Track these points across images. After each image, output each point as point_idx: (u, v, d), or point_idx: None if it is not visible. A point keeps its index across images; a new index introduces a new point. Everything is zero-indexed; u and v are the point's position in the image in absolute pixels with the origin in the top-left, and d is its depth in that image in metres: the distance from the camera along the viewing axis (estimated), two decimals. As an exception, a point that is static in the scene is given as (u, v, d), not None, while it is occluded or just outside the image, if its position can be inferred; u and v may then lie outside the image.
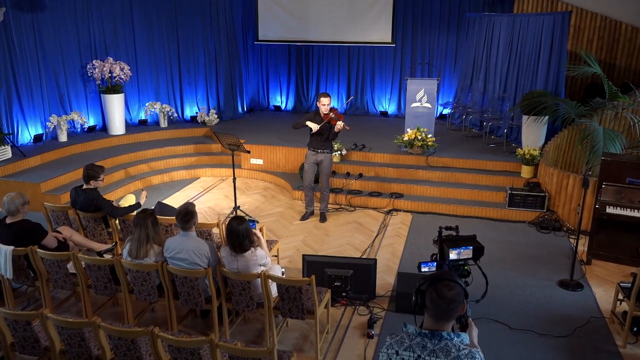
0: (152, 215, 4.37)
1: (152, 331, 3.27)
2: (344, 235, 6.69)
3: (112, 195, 7.68)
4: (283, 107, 12.22)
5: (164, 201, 7.60)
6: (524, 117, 7.90)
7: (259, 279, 4.12)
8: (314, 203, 7.23)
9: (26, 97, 8.43)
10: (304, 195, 7.23)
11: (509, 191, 7.15)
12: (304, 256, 5.12)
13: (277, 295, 4.23)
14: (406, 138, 8.21)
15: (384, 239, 6.61)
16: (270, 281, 4.14)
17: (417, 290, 2.17)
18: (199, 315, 4.84)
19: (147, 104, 10.15)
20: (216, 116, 10.42)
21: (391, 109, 11.52)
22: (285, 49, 11.85)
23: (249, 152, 7.18)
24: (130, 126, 10.05)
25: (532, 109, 7.51)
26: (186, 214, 4.27)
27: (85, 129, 9.39)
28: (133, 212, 5.35)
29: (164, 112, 10.08)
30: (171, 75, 10.48)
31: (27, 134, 8.57)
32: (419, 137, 8.11)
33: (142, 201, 5.52)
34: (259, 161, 8.88)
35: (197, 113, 10.55)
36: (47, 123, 8.70)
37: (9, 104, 8.23)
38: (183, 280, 4.22)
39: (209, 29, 10.48)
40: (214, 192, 8.27)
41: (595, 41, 9.57)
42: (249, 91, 11.94)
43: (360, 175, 8.04)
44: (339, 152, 8.19)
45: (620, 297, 4.64)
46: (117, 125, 9.49)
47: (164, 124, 10.14)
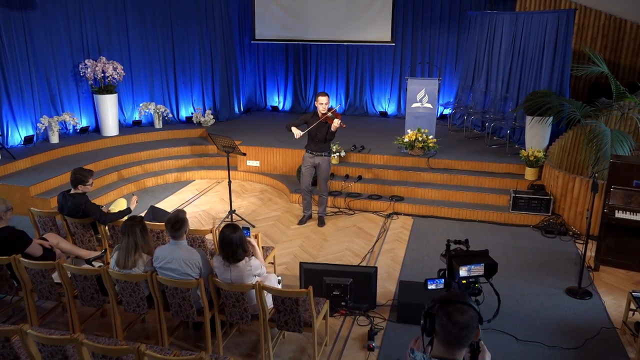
0: (140, 222, 4.15)
1: (138, 349, 3.05)
2: (343, 240, 6.47)
3: (105, 199, 7.47)
4: (280, 107, 12.00)
5: (158, 205, 7.38)
6: (528, 118, 7.69)
7: (253, 290, 3.91)
8: (311, 207, 7.02)
9: (16, 97, 8.20)
10: (302, 198, 7.02)
11: (513, 194, 6.95)
12: (301, 264, 4.91)
13: (272, 306, 4.01)
14: (406, 139, 8.00)
15: (384, 244, 6.40)
16: (265, 292, 3.93)
17: (426, 313, 1.95)
18: (191, 326, 4.62)
19: (141, 104, 9.93)
20: (212, 117, 10.20)
21: (391, 109, 11.31)
22: (282, 48, 11.64)
23: (244, 155, 6.96)
24: (124, 127, 9.82)
25: (537, 110, 7.30)
26: (176, 221, 4.05)
27: (78, 130, 9.16)
28: (123, 217, 5.13)
29: (158, 113, 9.86)
30: (166, 75, 10.26)
31: (17, 135, 8.34)
32: (419, 138, 7.90)
33: (133, 206, 5.30)
34: (256, 163, 8.66)
35: (192, 113, 10.33)
36: (38, 124, 8.47)
37: (-2, 104, 8.02)
38: (173, 291, 4.01)
39: (204, 28, 10.26)
40: (209, 195, 8.05)
41: (600, 40, 9.37)
42: (246, 91, 11.72)
43: (360, 178, 7.82)
44: (337, 154, 7.98)
45: (633, 307, 4.44)
46: (111, 126, 9.26)
47: (158, 124, 9.92)
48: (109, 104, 9.15)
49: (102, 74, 8.97)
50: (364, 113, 11.39)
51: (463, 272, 2.47)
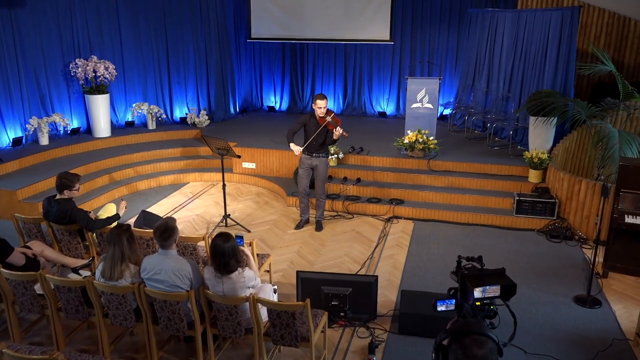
0: (127, 230, 3.91)
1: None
2: (341, 246, 6.25)
3: (96, 202, 7.24)
4: (277, 107, 11.76)
5: (150, 209, 7.17)
6: (531, 119, 7.48)
7: (247, 303, 3.68)
8: (309, 210, 6.79)
9: (4, 98, 7.94)
10: (299, 202, 6.79)
11: (517, 197, 6.73)
12: (298, 273, 4.68)
13: (267, 319, 3.78)
14: (406, 140, 7.77)
15: (384, 249, 6.17)
16: (260, 305, 3.70)
17: (438, 346, 1.72)
18: (182, 339, 4.39)
19: (134, 104, 9.67)
20: (207, 117, 9.97)
21: (390, 109, 11.08)
22: (279, 47, 11.39)
23: (239, 157, 6.74)
24: (116, 128, 9.57)
25: (541, 110, 7.09)
26: (165, 229, 3.81)
27: (68, 132, 8.90)
28: (111, 224, 4.90)
29: (151, 114, 9.61)
30: (159, 75, 10.01)
31: (5, 137, 8.08)
32: (420, 140, 7.67)
33: (122, 212, 5.06)
34: (252, 165, 8.43)
35: (186, 114, 10.09)
36: (27, 125, 8.20)
37: (-15, 105, 7.76)
38: (162, 304, 3.77)
39: (199, 26, 10.01)
40: (204, 199, 7.81)
41: (603, 38, 9.17)
42: (242, 91, 11.47)
43: (359, 180, 7.60)
44: (335, 156, 7.76)
45: (647, 318, 4.23)
46: (102, 127, 9.01)
47: (151, 125, 9.67)
48: (100, 105, 8.90)
49: (94, 74, 8.71)
50: (362, 113, 11.16)
51: (477, 293, 2.26)
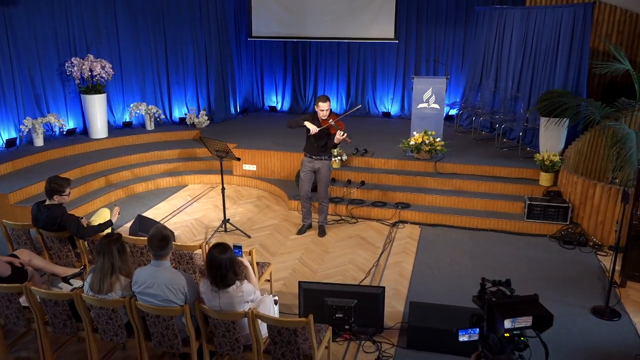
0: (118, 240, 3.66)
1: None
2: (345, 252, 5.99)
3: (91, 206, 7.00)
4: (279, 107, 11.51)
5: (147, 213, 6.93)
6: (542, 119, 7.21)
7: (245, 318, 3.43)
8: (311, 215, 6.54)
9: (-3, 98, 7.72)
10: (301, 206, 6.53)
11: (528, 201, 6.47)
12: (300, 283, 4.42)
13: (267, 336, 3.53)
14: (412, 142, 7.51)
15: (390, 256, 5.92)
16: (259, 320, 3.45)
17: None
18: (177, 355, 4.13)
19: (131, 104, 9.43)
20: (206, 117, 9.72)
21: (394, 109, 10.82)
22: (280, 46, 11.13)
23: (238, 160, 6.50)
24: (114, 129, 9.31)
25: (553, 110, 6.82)
26: (162, 238, 3.55)
27: (64, 132, 8.66)
28: (104, 231, 4.66)
29: (150, 114, 9.36)
30: (158, 74, 9.75)
31: (-2, 138, 7.86)
32: (426, 141, 7.41)
33: (114, 219, 4.82)
34: (252, 167, 8.18)
35: (186, 114, 9.84)
36: (21, 126, 7.95)
37: (-23, 105, 7.52)
38: (155, 319, 3.53)
39: (198, 25, 9.76)
40: (203, 202, 7.56)
41: (615, 36, 8.88)
42: (242, 91, 11.21)
43: (363, 183, 7.34)
44: (339, 158, 7.50)
45: (673, 333, 3.96)
46: (99, 128, 8.76)
47: (150, 126, 9.43)
48: (97, 105, 8.65)
49: (90, 73, 8.47)
50: (366, 113, 10.90)
51: (508, 324, 2.00)
